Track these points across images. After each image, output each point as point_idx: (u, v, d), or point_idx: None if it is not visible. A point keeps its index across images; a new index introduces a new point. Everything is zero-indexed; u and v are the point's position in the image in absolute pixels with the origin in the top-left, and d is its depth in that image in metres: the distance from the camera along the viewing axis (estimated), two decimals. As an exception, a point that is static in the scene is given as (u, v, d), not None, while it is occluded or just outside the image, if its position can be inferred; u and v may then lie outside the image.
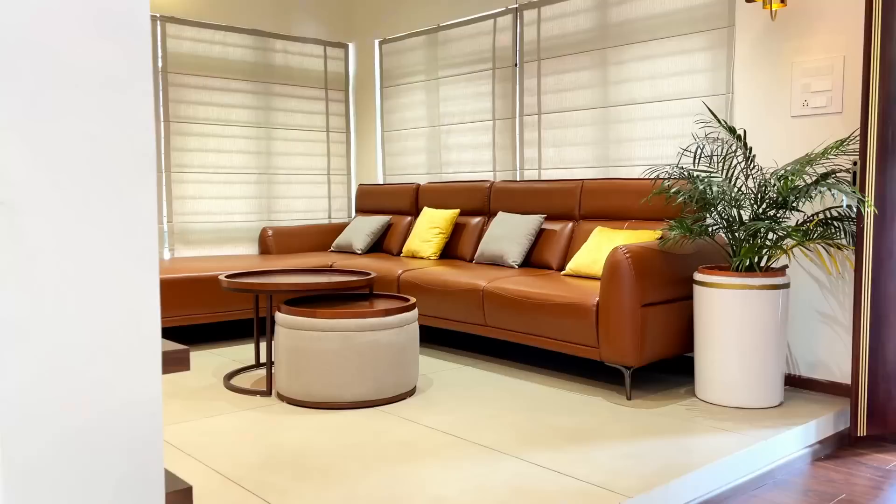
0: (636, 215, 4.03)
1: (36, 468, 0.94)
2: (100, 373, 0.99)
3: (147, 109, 1.08)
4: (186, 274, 4.32)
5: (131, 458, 1.04)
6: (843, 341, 3.38)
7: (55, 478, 0.96)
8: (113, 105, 1.03)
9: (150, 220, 1.09)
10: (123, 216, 1.05)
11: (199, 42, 5.26)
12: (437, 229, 4.92)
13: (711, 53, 3.87)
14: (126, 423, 1.03)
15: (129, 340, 1.03)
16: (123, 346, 1.02)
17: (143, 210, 1.08)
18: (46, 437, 0.95)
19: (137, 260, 1.05)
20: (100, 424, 0.99)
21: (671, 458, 2.57)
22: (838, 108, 3.35)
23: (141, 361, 1.04)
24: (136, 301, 1.04)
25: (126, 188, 1.07)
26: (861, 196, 2.96)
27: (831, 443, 3.05)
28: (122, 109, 1.04)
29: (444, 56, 5.36)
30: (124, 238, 1.04)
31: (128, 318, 1.03)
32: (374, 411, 3.12)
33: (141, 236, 1.07)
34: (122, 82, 1.02)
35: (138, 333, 1.04)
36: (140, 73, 1.04)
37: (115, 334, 1.01)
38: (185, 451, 2.64)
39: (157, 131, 5.11)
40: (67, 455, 0.97)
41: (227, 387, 3.50)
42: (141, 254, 1.07)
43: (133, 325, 1.03)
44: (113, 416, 1.01)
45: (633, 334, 3.22)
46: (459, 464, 2.52)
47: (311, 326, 3.15)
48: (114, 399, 1.01)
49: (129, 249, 1.05)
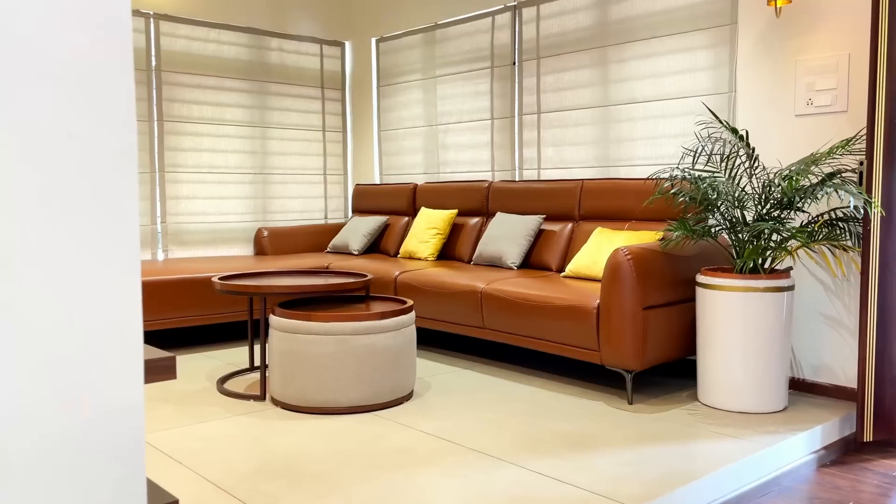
0: (637, 216, 3.96)
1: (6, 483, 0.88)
2: (76, 384, 0.93)
3: (129, 106, 1.01)
4: (180, 275, 4.25)
5: (111, 473, 0.98)
6: (848, 345, 3.32)
7: (28, 494, 0.89)
8: (92, 100, 0.96)
9: (131, 221, 1.02)
10: (103, 218, 0.98)
11: (193, 40, 5.19)
12: (434, 230, 4.85)
13: (713, 51, 3.81)
14: (105, 437, 0.96)
15: (109, 350, 0.97)
16: (102, 355, 0.95)
17: (124, 211, 1.02)
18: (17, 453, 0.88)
19: (118, 264, 0.99)
20: (77, 437, 0.93)
21: (674, 465, 2.50)
22: (843, 106, 3.28)
23: (121, 372, 0.98)
24: (116, 308, 0.98)
25: (106, 187, 1.00)
26: (868, 197, 2.90)
27: (837, 448, 2.99)
28: (102, 105, 0.98)
29: (441, 54, 5.30)
30: (104, 241, 0.97)
31: (107, 327, 0.97)
32: (370, 416, 3.05)
33: (122, 239, 1.01)
34: (101, 76, 0.96)
35: (119, 342, 0.98)
36: (121, 67, 0.98)
37: (93, 344, 0.95)
38: (175, 459, 2.57)
39: (151, 130, 5.03)
40: (41, 470, 0.91)
41: (221, 391, 3.43)
42: (122, 258, 1.00)
43: (112, 333, 0.97)
44: (91, 428, 0.95)
45: (634, 337, 3.15)
46: (457, 471, 2.45)
47: (305, 330, 3.08)
48: (92, 411, 0.95)
49: (108, 253, 0.99)
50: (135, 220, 1.02)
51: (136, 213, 1.02)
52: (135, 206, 1.02)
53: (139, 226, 0.97)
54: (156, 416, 3.05)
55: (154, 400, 3.30)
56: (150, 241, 5.06)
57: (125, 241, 1.00)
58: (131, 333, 0.99)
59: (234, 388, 3.50)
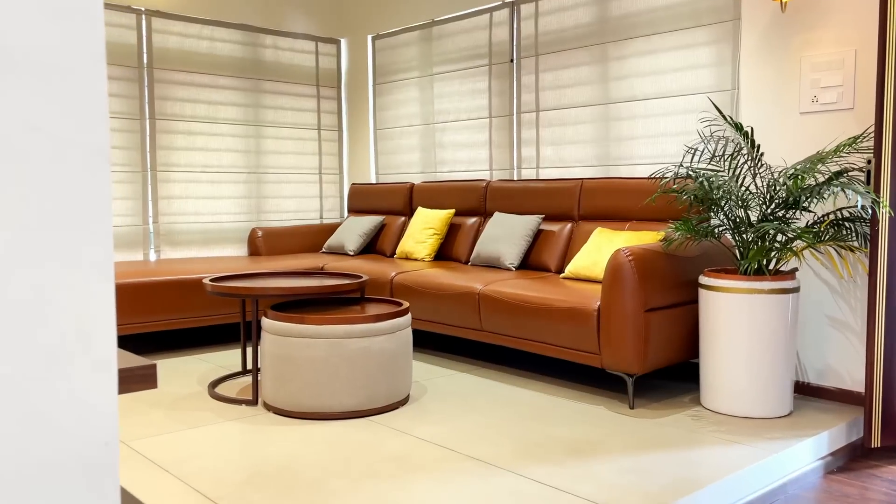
0: (637, 216, 3.88)
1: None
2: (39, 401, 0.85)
3: (101, 102, 0.94)
4: (172, 276, 4.17)
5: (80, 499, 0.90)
6: (854, 348, 3.25)
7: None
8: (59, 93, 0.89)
9: (104, 222, 0.94)
10: (71, 217, 0.91)
11: (185, 37, 5.10)
12: (431, 230, 4.77)
13: (716, 48, 3.73)
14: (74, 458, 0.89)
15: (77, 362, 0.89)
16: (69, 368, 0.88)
17: (96, 210, 0.94)
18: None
19: (89, 271, 0.91)
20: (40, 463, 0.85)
21: (678, 473, 2.43)
22: (850, 104, 3.21)
23: (92, 386, 0.90)
24: (86, 319, 0.90)
25: (75, 185, 0.93)
26: (876, 196, 2.82)
27: (844, 454, 2.92)
28: (71, 98, 0.90)
29: (438, 52, 5.22)
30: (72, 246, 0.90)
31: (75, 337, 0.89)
32: (364, 422, 2.97)
33: (92, 244, 0.93)
34: (69, 67, 0.88)
35: (88, 354, 0.90)
36: (92, 59, 0.90)
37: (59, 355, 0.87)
38: (162, 468, 2.49)
39: (143, 129, 4.95)
40: None
41: (212, 395, 3.35)
42: (93, 264, 0.92)
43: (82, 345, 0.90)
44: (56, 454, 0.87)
45: (635, 341, 3.07)
46: (453, 479, 2.37)
47: (298, 333, 3.00)
48: (57, 430, 0.87)
49: (78, 258, 0.91)
50: (108, 220, 0.94)
51: (109, 212, 0.95)
52: (108, 205, 0.95)
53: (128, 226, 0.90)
54: (145, 422, 2.97)
55: (144, 404, 3.22)
56: (143, 241, 4.97)
57: (97, 243, 0.93)
58: (103, 347, 0.91)
59: (225, 392, 3.41)
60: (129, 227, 4.90)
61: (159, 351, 4.32)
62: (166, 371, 3.83)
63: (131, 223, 4.91)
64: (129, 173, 4.88)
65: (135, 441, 2.75)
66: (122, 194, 4.87)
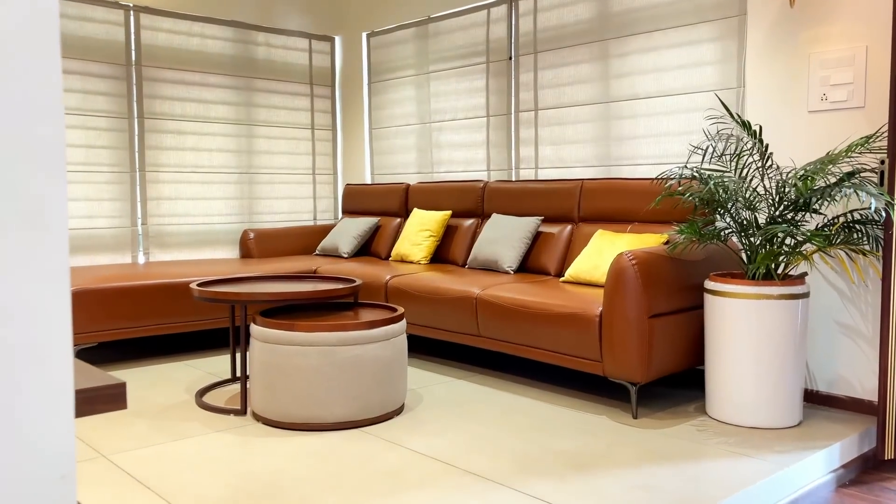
0: (640, 218, 3.77)
1: None
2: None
3: (55, 97, 0.84)
4: (160, 280, 4.04)
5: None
6: (866, 355, 3.13)
7: None
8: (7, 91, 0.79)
9: (58, 231, 0.84)
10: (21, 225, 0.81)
11: (175, 34, 4.97)
12: (427, 232, 4.65)
13: (721, 44, 3.62)
14: (21, 499, 0.78)
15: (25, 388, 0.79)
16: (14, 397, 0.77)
17: (49, 220, 0.84)
18: None
19: (41, 281, 0.81)
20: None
21: (685, 489, 2.31)
22: (860, 102, 3.09)
23: (43, 413, 0.80)
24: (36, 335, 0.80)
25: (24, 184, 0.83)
26: (890, 198, 2.71)
27: (855, 466, 2.80)
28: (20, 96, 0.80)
29: (435, 49, 5.09)
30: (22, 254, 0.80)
31: (25, 359, 0.79)
32: (357, 433, 2.85)
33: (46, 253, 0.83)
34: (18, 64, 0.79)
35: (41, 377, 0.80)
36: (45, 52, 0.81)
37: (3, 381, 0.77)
38: (144, 484, 2.36)
39: (131, 128, 4.82)
40: None
41: (200, 404, 3.23)
42: (46, 274, 0.82)
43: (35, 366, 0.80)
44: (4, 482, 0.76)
45: (639, 348, 2.96)
46: (449, 496, 2.25)
47: (288, 340, 2.88)
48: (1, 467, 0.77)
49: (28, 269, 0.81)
50: (62, 223, 0.84)
51: (64, 214, 0.85)
52: (62, 207, 0.85)
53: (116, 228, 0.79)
54: (128, 434, 2.85)
55: (128, 415, 3.09)
56: (131, 243, 4.84)
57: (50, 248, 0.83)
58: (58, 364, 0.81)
59: (213, 401, 3.29)
60: (117, 228, 4.78)
61: (147, 357, 4.19)
62: (153, 378, 3.71)
63: (119, 225, 4.78)
64: (117, 174, 4.76)
65: (116, 455, 2.62)
66: (109, 195, 4.74)
